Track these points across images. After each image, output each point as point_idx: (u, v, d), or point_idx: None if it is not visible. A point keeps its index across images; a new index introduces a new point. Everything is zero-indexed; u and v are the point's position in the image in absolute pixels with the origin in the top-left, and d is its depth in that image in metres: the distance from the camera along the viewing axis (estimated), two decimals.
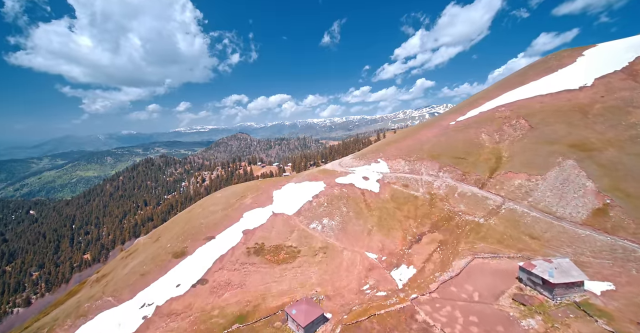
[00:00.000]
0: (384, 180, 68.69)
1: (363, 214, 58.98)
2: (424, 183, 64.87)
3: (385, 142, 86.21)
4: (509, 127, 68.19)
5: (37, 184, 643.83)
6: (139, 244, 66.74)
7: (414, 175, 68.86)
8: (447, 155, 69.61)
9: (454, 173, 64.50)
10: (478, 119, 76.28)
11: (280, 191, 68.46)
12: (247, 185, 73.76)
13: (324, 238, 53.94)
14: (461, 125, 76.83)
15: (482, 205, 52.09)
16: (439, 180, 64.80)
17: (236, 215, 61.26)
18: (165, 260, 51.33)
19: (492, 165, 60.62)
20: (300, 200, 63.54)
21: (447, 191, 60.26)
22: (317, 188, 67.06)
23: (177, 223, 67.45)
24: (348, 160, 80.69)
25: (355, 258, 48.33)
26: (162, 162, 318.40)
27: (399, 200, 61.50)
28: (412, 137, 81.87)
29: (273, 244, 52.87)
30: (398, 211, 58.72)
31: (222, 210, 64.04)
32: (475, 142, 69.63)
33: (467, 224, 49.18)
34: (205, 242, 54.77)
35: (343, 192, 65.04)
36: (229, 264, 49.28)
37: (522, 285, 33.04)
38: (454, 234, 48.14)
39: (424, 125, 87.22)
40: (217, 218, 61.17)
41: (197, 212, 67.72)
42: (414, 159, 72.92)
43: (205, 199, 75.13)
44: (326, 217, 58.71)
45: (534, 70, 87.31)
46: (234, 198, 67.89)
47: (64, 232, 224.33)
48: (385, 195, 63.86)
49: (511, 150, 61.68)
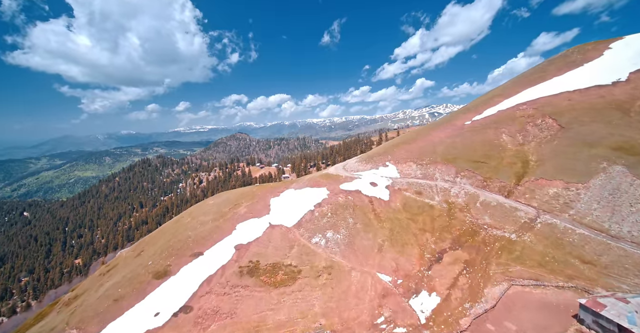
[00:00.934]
0: (394, 186, 61.61)
1: (372, 226, 51.90)
2: (440, 190, 57.77)
3: (393, 143, 79.10)
4: (534, 127, 61.09)
5: (35, 184, 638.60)
6: (120, 258, 59.67)
7: (427, 180, 61.76)
8: (464, 158, 62.51)
9: (473, 179, 57.41)
10: (497, 118, 69.17)
11: (279, 199, 61.37)
12: (242, 192, 66.67)
13: (328, 255, 46.87)
14: (478, 125, 69.72)
15: (512, 217, 45.00)
16: (456, 186, 57.71)
17: (228, 227, 54.17)
18: (144, 282, 44.24)
19: (518, 171, 53.52)
20: (300, 210, 56.48)
21: (467, 200, 53.17)
22: (320, 196, 59.98)
23: (163, 234, 60.36)
24: (353, 163, 73.60)
25: (365, 281, 41.26)
26: (159, 163, 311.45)
27: (413, 210, 54.41)
28: (423, 138, 74.74)
29: (270, 262, 45.81)
30: (412, 223, 51.63)
31: (212, 220, 56.94)
32: (495, 144, 62.53)
33: (495, 240, 42.09)
34: (191, 259, 47.70)
35: (349, 200, 57.96)
36: (218, 287, 42.22)
37: (584, 328, 26.06)
38: (481, 253, 41.07)
39: (435, 125, 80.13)
40: (206, 231, 54.07)
41: (185, 222, 60.62)
42: (426, 162, 65.81)
43: (195, 207, 68.03)
44: (330, 229, 51.65)
45: (555, 65, 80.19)
46: (227, 207, 60.78)
47: (56, 235, 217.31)
48: (397, 204, 56.78)
49: (539, 153, 54.59)
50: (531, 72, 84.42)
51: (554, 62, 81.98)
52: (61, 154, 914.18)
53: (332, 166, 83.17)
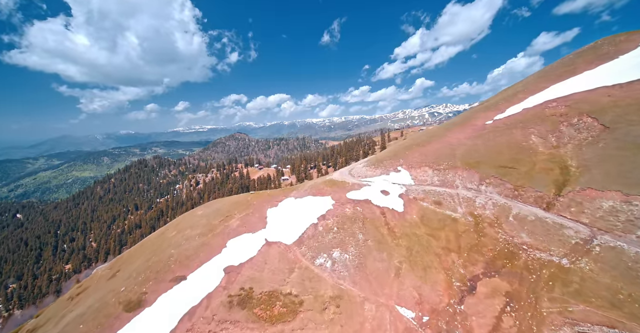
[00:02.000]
0: (408, 195, 53.86)
1: (386, 244, 44.14)
2: (462, 200, 50.01)
3: (405, 145, 71.28)
4: (570, 127, 53.29)
5: (32, 185, 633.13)
6: (94, 277, 51.97)
7: (446, 188, 54.00)
8: (488, 163, 54.74)
9: (501, 188, 49.62)
10: (522, 117, 61.36)
11: (277, 209, 53.64)
12: (236, 201, 58.90)
13: (336, 281, 39.12)
14: (501, 125, 61.91)
15: (558, 236, 37.22)
16: (481, 195, 49.95)
17: (218, 244, 46.42)
18: (112, 315, 36.49)
19: (556, 178, 45.72)
20: (302, 223, 48.75)
21: (496, 212, 45.40)
22: (324, 206, 52.25)
23: (144, 250, 52.65)
24: (360, 168, 65.81)
25: (382, 317, 33.51)
26: (155, 163, 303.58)
27: (432, 224, 46.64)
28: (439, 139, 66.93)
29: (265, 290, 38.08)
30: (433, 240, 43.85)
31: (200, 235, 49.19)
32: (524, 147, 54.74)
33: (542, 266, 34.32)
34: (172, 285, 39.97)
35: (357, 212, 50.20)
36: (201, 323, 34.51)
37: None
38: (525, 282, 33.30)
39: (451, 124, 72.31)
40: (192, 248, 46.33)
41: (169, 235, 52.89)
42: (444, 167, 58.05)
43: (183, 218, 60.29)
44: (337, 247, 43.89)
45: (584, 58, 72.36)
46: (218, 219, 53.03)
47: (47, 239, 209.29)
48: (413, 216, 49.02)
49: (581, 157, 46.80)
50: (556, 66, 76.63)
51: (581, 55, 74.20)
52: (59, 154, 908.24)
53: (336, 171, 75.36)
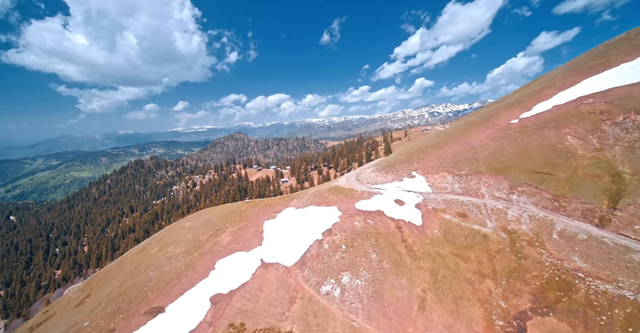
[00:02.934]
0: (426, 205, 46.60)
1: (405, 266, 36.88)
2: (492, 212, 42.72)
3: (418, 147, 63.95)
4: (614, 127, 45.97)
5: (30, 185, 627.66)
6: (63, 300, 44.74)
7: (470, 197, 46.72)
8: (518, 168, 47.45)
9: (537, 197, 42.32)
10: (554, 115, 54.05)
11: (275, 222, 46.32)
12: (228, 211, 51.58)
13: (347, 315, 31.87)
14: (530, 125, 54.59)
15: (625, 263, 29.93)
16: (513, 207, 42.66)
17: (204, 266, 39.16)
18: None
19: (607, 187, 38.43)
20: (304, 239, 41.49)
21: (535, 228, 38.10)
22: (330, 219, 44.97)
23: (122, 268, 45.39)
24: (369, 173, 58.49)
25: None
26: (152, 164, 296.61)
27: (459, 241, 39.37)
28: (457, 140, 59.62)
29: (260, 327, 30.85)
30: (461, 261, 36.58)
31: (185, 254, 41.91)
32: (559, 149, 47.44)
33: (612, 304, 27.02)
34: (146, 320, 32.73)
35: (369, 226, 42.95)
36: None
37: None
38: (594, 326, 26.00)
39: (470, 124, 64.96)
40: (174, 270, 39.08)
41: (151, 252, 45.64)
42: (466, 172, 50.77)
43: (168, 230, 53.03)
44: (347, 270, 36.65)
45: (618, 49, 65.03)
46: (206, 233, 45.72)
47: (39, 243, 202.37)
48: (434, 231, 41.74)
49: (636, 162, 39.50)
50: (584, 58, 69.28)
51: (614, 46, 66.87)
52: (57, 154, 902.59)
53: (341, 175, 68.10)
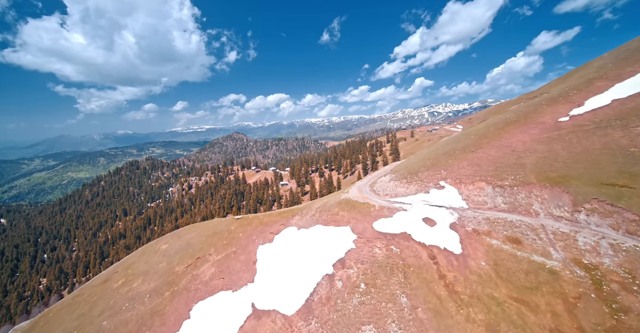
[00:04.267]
0: (464, 225, 36.56)
1: (450, 317, 26.83)
2: (555, 237, 32.65)
3: (444, 150, 53.79)
4: None
5: (27, 186, 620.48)
6: None
7: (521, 216, 36.66)
8: (581, 177, 37.37)
9: (615, 218, 32.21)
10: (617, 111, 44.03)
11: (271, 247, 36.20)
12: (214, 231, 41.46)
13: None
14: (587, 123, 44.51)
15: None
16: (584, 230, 32.56)
17: (176, 313, 29.11)
18: None
19: None
20: (309, 274, 31.42)
21: (625, 262, 28.03)
22: (342, 244, 34.90)
23: (75, 308, 35.39)
24: (386, 181, 48.39)
25: None
26: (148, 165, 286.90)
27: (517, 280, 29.29)
28: (493, 143, 49.48)
29: None
30: (528, 312, 26.53)
31: (152, 294, 31.86)
32: (635, 154, 37.38)
33: None
34: None
35: (393, 255, 32.89)
36: None
37: None
38: None
39: (505, 122, 54.77)
40: (134, 320, 29.05)
41: (112, 287, 35.62)
42: (510, 183, 40.69)
43: (140, 254, 42.93)
44: (369, 322, 26.61)
45: None
46: (184, 263, 35.66)
47: (26, 249, 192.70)
48: (481, 263, 31.68)
49: None
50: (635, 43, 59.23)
51: None
52: (55, 154, 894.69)
53: (352, 184, 57.96)
